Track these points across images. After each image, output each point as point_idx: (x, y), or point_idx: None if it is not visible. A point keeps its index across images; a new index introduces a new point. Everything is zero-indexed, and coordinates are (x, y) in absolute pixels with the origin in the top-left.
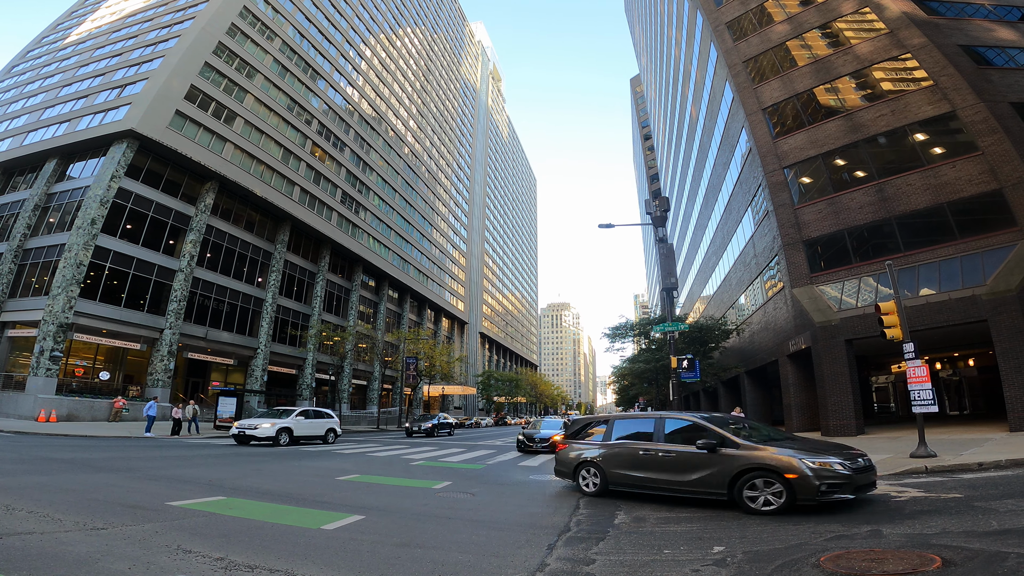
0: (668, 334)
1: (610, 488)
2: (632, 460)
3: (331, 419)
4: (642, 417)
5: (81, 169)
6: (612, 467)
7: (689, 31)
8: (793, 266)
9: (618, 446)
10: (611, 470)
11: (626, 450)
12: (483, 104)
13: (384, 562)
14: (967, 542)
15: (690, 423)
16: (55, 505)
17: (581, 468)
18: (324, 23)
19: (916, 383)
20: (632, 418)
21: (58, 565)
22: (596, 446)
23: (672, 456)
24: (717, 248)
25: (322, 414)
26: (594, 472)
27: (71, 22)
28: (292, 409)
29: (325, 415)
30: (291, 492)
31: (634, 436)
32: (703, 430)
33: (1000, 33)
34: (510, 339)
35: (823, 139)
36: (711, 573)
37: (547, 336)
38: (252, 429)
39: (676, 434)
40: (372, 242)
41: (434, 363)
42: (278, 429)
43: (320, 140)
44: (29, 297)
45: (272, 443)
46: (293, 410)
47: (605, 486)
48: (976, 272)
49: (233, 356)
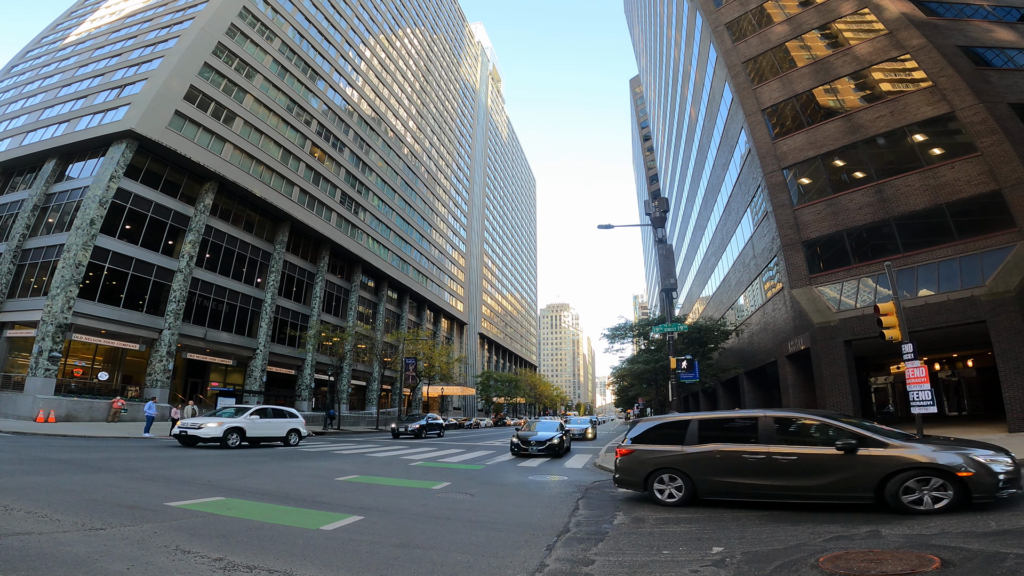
0: (667, 335)
1: (699, 498)
2: (733, 465)
3: (294, 419)
4: (736, 417)
5: (80, 169)
6: (704, 474)
7: (688, 32)
8: (792, 267)
9: (711, 450)
10: (703, 477)
11: (723, 454)
12: (482, 105)
13: (383, 562)
14: (966, 543)
15: (818, 422)
16: (54, 505)
17: (656, 476)
18: (323, 23)
19: (915, 384)
20: (721, 418)
21: (57, 565)
22: (676, 451)
23: (792, 459)
24: (716, 249)
25: (283, 413)
26: (676, 480)
27: (71, 22)
28: (247, 407)
29: (287, 414)
30: (290, 493)
31: (725, 438)
32: (839, 430)
33: (999, 34)
34: (509, 340)
35: (822, 140)
36: (710, 574)
37: (546, 337)
38: (196, 429)
39: (794, 434)
40: (371, 243)
41: (433, 364)
42: (227, 429)
43: (319, 140)
44: (28, 297)
45: (220, 445)
46: (248, 408)
47: (691, 495)
48: (975, 273)
49: (232, 356)
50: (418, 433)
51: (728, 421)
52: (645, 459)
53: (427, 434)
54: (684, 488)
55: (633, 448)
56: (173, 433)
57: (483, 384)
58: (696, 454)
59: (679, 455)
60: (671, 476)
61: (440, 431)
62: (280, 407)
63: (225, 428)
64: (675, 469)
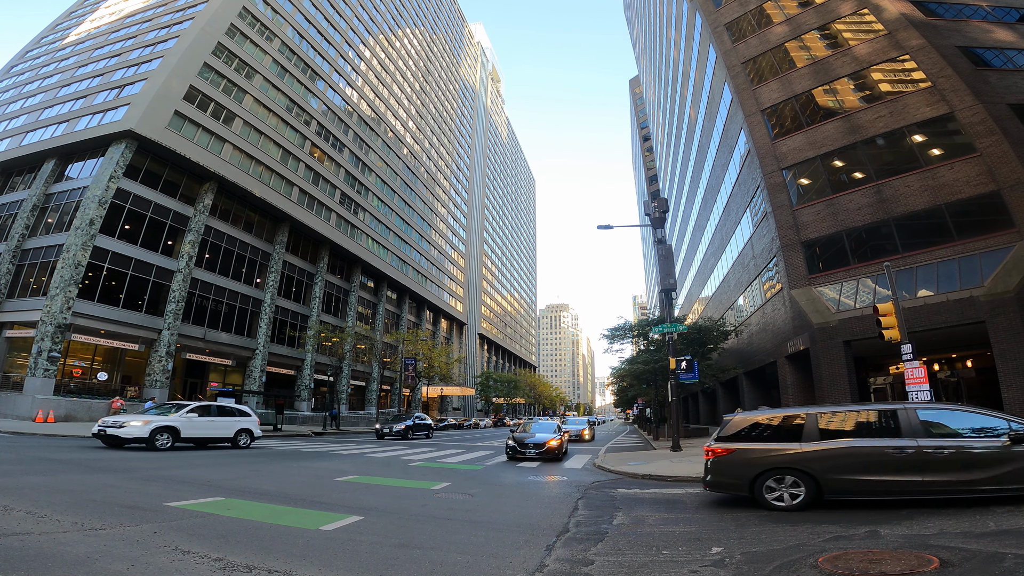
0: (667, 335)
1: (825, 499)
2: (872, 462)
3: (245, 418)
4: (868, 410)
5: (80, 169)
6: (834, 472)
7: (688, 32)
8: (791, 267)
9: (843, 447)
10: (831, 476)
11: (857, 450)
12: (482, 105)
13: (383, 563)
14: (964, 543)
15: (980, 413)
16: (53, 505)
17: (768, 477)
18: (323, 24)
19: (914, 384)
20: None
21: (56, 565)
22: (793, 448)
23: (948, 453)
24: (716, 249)
25: (230, 411)
26: (794, 480)
27: (70, 22)
28: (186, 404)
29: (236, 412)
30: (289, 493)
31: (855, 433)
32: (1006, 420)
33: (998, 34)
34: (509, 340)
35: (821, 140)
36: (709, 574)
37: (546, 337)
38: (117, 428)
39: (949, 429)
40: (371, 243)
41: (433, 364)
42: (155, 429)
43: (319, 141)
44: (27, 297)
45: (146, 446)
46: (186, 405)
47: (815, 496)
48: (974, 273)
49: (231, 357)
50: (404, 434)
51: (857, 414)
52: (751, 459)
53: (415, 435)
54: (805, 490)
55: (733, 447)
56: (93, 432)
57: (482, 384)
58: (823, 451)
59: (798, 454)
60: (787, 477)
61: (429, 432)
62: (229, 405)
63: (153, 428)
64: (793, 469)
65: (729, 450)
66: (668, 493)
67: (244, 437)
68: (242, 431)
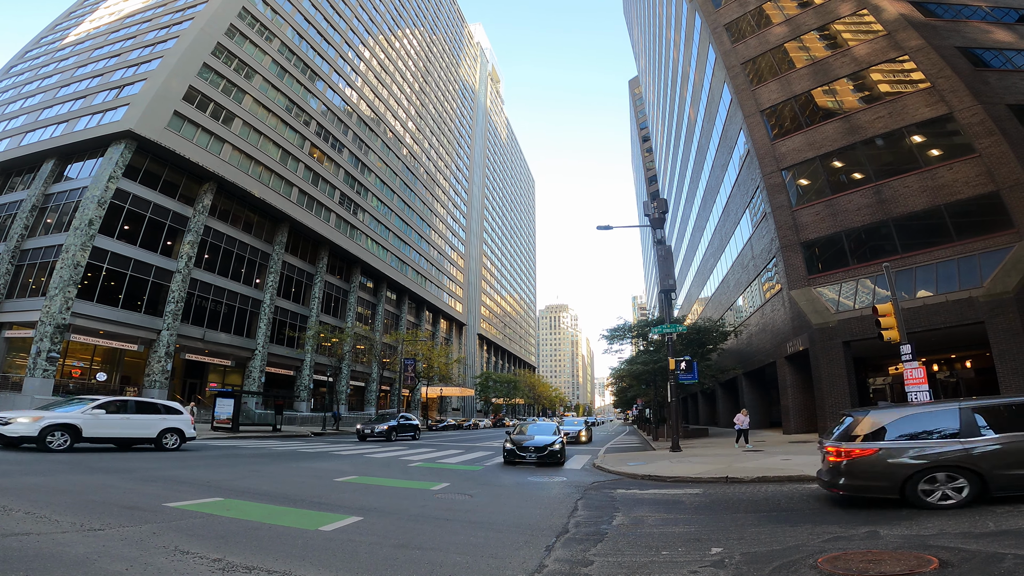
0: (666, 336)
1: (992, 495)
2: None
3: (172, 415)
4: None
5: (79, 170)
6: (1005, 468)
7: (688, 33)
8: (791, 268)
9: (1012, 440)
10: (1003, 472)
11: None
12: (482, 105)
13: (382, 563)
14: (964, 543)
15: None
16: (52, 506)
17: (923, 476)
18: (323, 24)
19: (913, 384)
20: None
21: (55, 566)
22: (957, 445)
23: None
24: (715, 250)
25: (152, 408)
26: (958, 478)
27: (70, 22)
28: (96, 399)
29: (162, 409)
30: (289, 493)
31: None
32: None
33: (997, 35)
34: (508, 341)
35: (821, 141)
36: (709, 574)
37: (545, 338)
38: (2, 424)
39: None
40: (370, 243)
41: (432, 364)
42: (46, 427)
43: (318, 141)
44: (26, 298)
45: (37, 446)
46: (95, 399)
47: (977, 494)
48: (973, 274)
49: (231, 357)
50: (388, 436)
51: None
52: (904, 459)
53: (399, 436)
54: (972, 486)
55: (878, 447)
56: None
57: (482, 385)
58: (993, 446)
59: (963, 452)
60: (949, 475)
61: (415, 433)
62: (153, 401)
63: (43, 426)
64: (957, 467)
65: (874, 451)
66: (668, 494)
67: (171, 438)
68: (168, 431)
